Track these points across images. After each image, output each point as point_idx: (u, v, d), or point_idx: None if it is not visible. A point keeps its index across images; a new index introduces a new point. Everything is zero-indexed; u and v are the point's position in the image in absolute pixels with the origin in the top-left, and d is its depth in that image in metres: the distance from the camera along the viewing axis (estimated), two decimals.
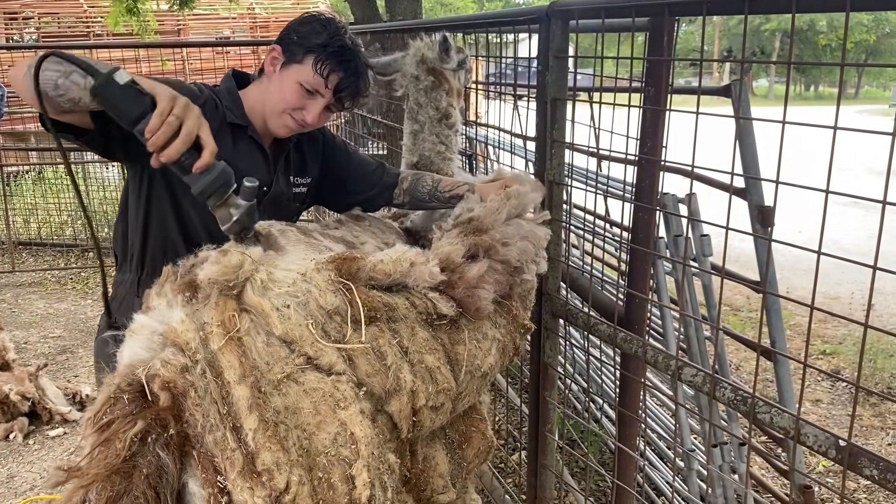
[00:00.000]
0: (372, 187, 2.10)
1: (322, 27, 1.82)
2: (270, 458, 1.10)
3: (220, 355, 1.16)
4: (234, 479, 1.09)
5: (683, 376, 1.60)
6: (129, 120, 1.31)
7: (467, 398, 1.52)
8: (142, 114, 1.30)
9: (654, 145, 1.82)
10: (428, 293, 1.46)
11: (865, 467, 1.24)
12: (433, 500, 1.52)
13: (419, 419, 1.37)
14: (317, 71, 1.80)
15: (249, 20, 13.34)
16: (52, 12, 12.28)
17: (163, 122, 1.29)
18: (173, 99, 1.32)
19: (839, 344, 5.38)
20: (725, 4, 1.49)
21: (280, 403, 1.16)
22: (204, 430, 1.11)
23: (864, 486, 3.50)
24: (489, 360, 1.53)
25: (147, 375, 1.15)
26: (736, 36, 40.79)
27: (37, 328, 5.53)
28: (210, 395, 1.13)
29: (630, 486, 2.12)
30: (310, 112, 1.84)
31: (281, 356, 1.21)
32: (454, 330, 1.49)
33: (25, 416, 3.95)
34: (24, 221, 8.13)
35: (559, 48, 1.87)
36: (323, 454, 1.15)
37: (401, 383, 1.31)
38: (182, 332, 1.19)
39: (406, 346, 1.36)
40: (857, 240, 8.27)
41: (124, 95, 1.30)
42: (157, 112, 1.29)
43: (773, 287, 2.00)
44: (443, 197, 2.04)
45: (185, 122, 1.32)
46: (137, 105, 1.30)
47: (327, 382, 1.20)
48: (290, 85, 1.82)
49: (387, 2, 5.51)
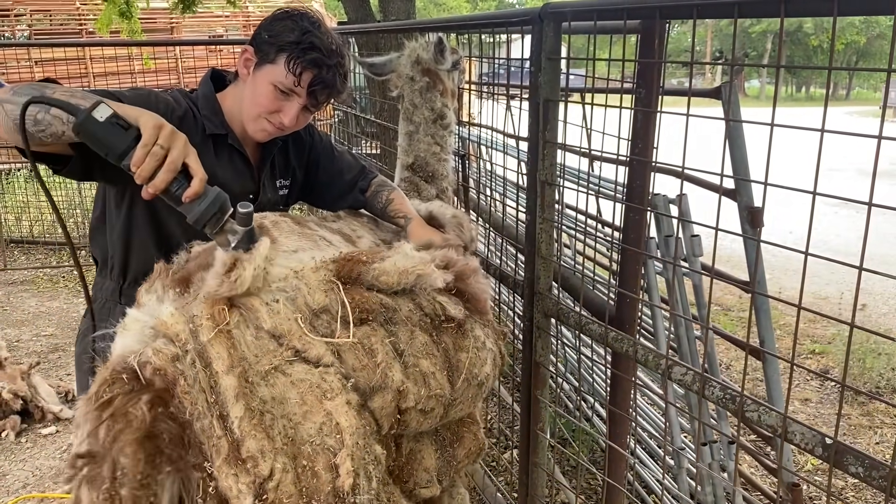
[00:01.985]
0: (350, 190, 2.06)
1: (294, 24, 1.74)
2: (255, 446, 1.12)
3: (210, 347, 1.18)
4: (220, 465, 1.11)
5: (673, 375, 1.62)
6: (115, 155, 1.28)
7: (462, 406, 1.53)
8: (127, 148, 1.27)
9: (645, 146, 1.84)
10: (437, 296, 1.47)
11: (851, 465, 1.26)
12: (416, 493, 1.53)
13: (405, 419, 1.38)
14: (289, 70, 1.71)
15: (242, 18, 13.32)
16: (45, 9, 12.23)
17: (147, 154, 1.26)
18: (158, 128, 1.28)
19: (828, 343, 5.42)
20: (715, 8, 1.51)
21: (267, 393, 1.18)
22: (192, 418, 1.14)
23: (851, 485, 3.54)
24: (485, 370, 1.55)
25: (139, 362, 1.17)
26: (727, 37, 40.92)
27: (29, 326, 5.51)
28: (199, 383, 1.15)
29: (621, 483, 2.14)
30: (286, 114, 1.77)
31: (269, 349, 1.23)
32: (460, 335, 1.50)
33: (18, 414, 3.95)
34: (16, 219, 8.11)
35: (552, 49, 1.89)
36: (308, 443, 1.17)
37: (387, 381, 1.32)
38: (172, 324, 1.21)
39: (402, 348, 1.37)
40: (846, 241, 8.32)
41: (107, 131, 1.27)
42: (142, 144, 1.26)
43: (763, 287, 2.02)
44: (387, 217, 2.01)
45: (170, 151, 1.28)
46: (122, 140, 1.27)
47: (314, 374, 1.22)
48: (264, 87, 1.74)
49: (380, 2, 5.52)
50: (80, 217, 7.81)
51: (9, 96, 1.37)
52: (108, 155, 1.29)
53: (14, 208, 8.17)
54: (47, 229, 7.92)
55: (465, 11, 38.58)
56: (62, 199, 8.01)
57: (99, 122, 1.26)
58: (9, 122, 1.35)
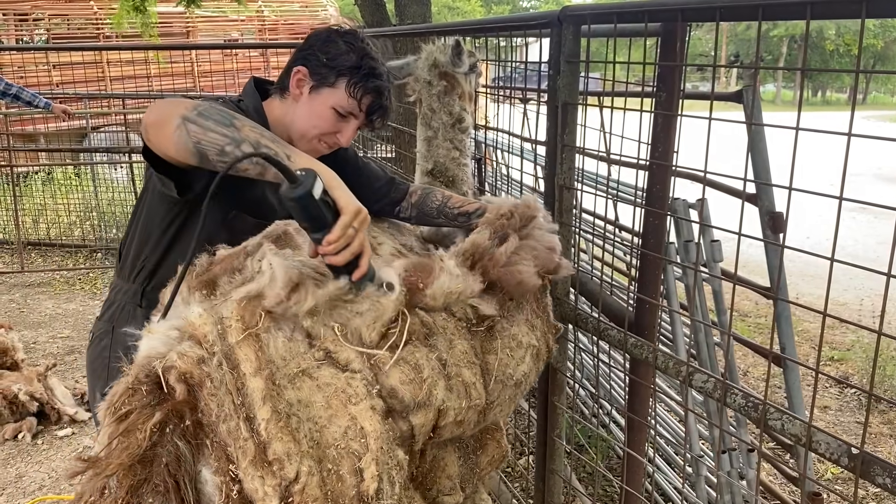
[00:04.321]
0: (377, 201, 2.05)
1: (349, 47, 1.78)
2: (282, 448, 1.12)
3: (238, 349, 1.18)
4: (246, 467, 1.11)
5: (694, 382, 1.60)
6: (313, 228, 1.33)
7: (499, 408, 1.51)
8: (326, 226, 1.32)
9: (665, 150, 1.82)
10: (469, 300, 1.46)
11: (878, 475, 1.23)
12: (439, 501, 1.52)
13: (441, 432, 1.38)
14: (351, 95, 1.76)
15: (258, 22, 13.38)
16: (62, 14, 12.32)
17: (342, 236, 1.32)
18: (356, 214, 1.34)
19: (847, 350, 5.36)
20: (739, 10, 1.49)
21: (293, 396, 1.18)
22: (218, 420, 1.13)
23: (873, 494, 3.49)
24: (522, 368, 1.53)
25: (164, 367, 1.16)
26: (742, 41, 40.73)
27: (45, 328, 5.55)
28: (225, 385, 1.15)
29: (638, 491, 2.11)
30: (343, 135, 1.81)
31: (299, 351, 1.22)
32: (488, 338, 1.48)
33: (34, 415, 3.97)
34: (34, 222, 8.17)
35: (571, 53, 1.87)
36: (333, 447, 1.17)
37: (431, 399, 1.32)
38: (200, 325, 1.21)
39: (444, 358, 1.37)
40: (865, 246, 8.23)
41: (318, 209, 1.30)
42: (341, 225, 1.32)
43: (784, 293, 2.00)
44: (451, 213, 1.98)
45: (357, 235, 1.34)
46: (326, 218, 1.31)
47: (341, 379, 1.22)
48: (324, 110, 1.77)
49: (396, 6, 5.52)
50: (96, 220, 7.87)
51: (194, 116, 1.40)
52: (303, 224, 1.33)
53: (31, 211, 8.23)
54: (64, 232, 7.98)
55: (479, 15, 38.61)
56: (79, 202, 8.08)
57: (314, 200, 1.28)
58: (189, 145, 1.39)
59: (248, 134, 1.40)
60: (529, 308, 1.60)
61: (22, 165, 8.88)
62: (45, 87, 9.94)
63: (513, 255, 1.53)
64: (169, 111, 1.42)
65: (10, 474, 3.56)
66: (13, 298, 6.27)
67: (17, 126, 9.32)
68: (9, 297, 6.30)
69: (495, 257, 1.51)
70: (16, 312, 5.89)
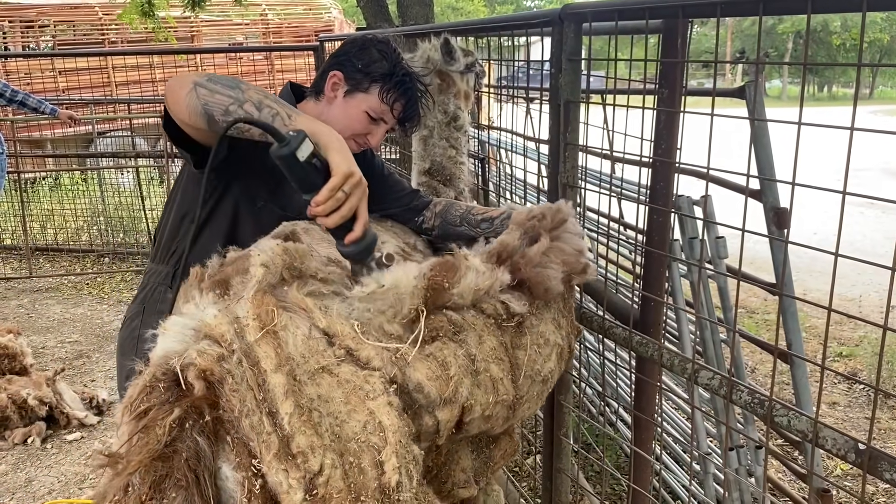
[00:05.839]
0: (398, 207, 2.10)
1: (381, 55, 1.88)
2: (305, 442, 1.12)
3: (257, 347, 1.19)
4: (270, 461, 1.12)
5: (700, 379, 1.59)
6: (301, 189, 1.35)
7: (527, 404, 1.53)
8: (314, 187, 1.34)
9: (668, 147, 1.82)
10: (499, 296, 1.47)
11: (886, 471, 1.23)
12: (454, 494, 1.54)
13: (467, 428, 1.40)
14: (383, 100, 1.85)
15: (262, 26, 13.40)
16: (68, 20, 12.38)
17: (330, 198, 1.34)
18: (346, 176, 1.36)
19: (855, 346, 5.34)
20: (740, 5, 1.48)
21: (314, 392, 1.19)
22: (241, 416, 1.14)
23: (883, 490, 3.47)
24: (549, 365, 1.54)
25: (182, 365, 1.17)
26: (748, 37, 40.57)
27: (54, 333, 5.57)
28: (247, 381, 1.16)
29: (646, 489, 2.11)
30: (374, 137, 1.89)
31: (319, 349, 1.23)
32: (517, 334, 1.50)
33: (43, 420, 3.98)
34: (41, 227, 8.22)
35: (572, 51, 1.87)
36: (354, 440, 1.18)
37: (457, 396, 1.33)
38: (216, 325, 1.21)
39: (473, 353, 1.38)
40: (873, 241, 8.19)
41: (303, 170, 1.32)
42: (329, 187, 1.34)
43: (790, 289, 1.99)
44: (474, 220, 2.02)
45: (349, 198, 1.36)
46: (313, 180, 1.33)
47: (359, 376, 1.23)
48: (357, 113, 1.86)
49: (399, 7, 5.53)
50: (103, 225, 7.90)
51: (204, 81, 1.48)
52: (293, 184, 1.35)
53: (39, 216, 8.27)
54: (71, 237, 8.02)
55: (482, 16, 38.59)
56: (86, 207, 8.12)
57: (299, 161, 1.30)
58: (198, 106, 1.46)
59: (251, 95, 1.46)
60: (556, 307, 1.62)
61: (29, 171, 8.92)
62: (51, 93, 10.00)
63: (542, 257, 1.54)
64: (186, 78, 1.50)
65: (20, 479, 3.58)
66: (21, 304, 6.30)
67: (24, 132, 9.37)
68: (17, 303, 6.33)
69: (528, 255, 1.53)
70: (24, 317, 5.92)
